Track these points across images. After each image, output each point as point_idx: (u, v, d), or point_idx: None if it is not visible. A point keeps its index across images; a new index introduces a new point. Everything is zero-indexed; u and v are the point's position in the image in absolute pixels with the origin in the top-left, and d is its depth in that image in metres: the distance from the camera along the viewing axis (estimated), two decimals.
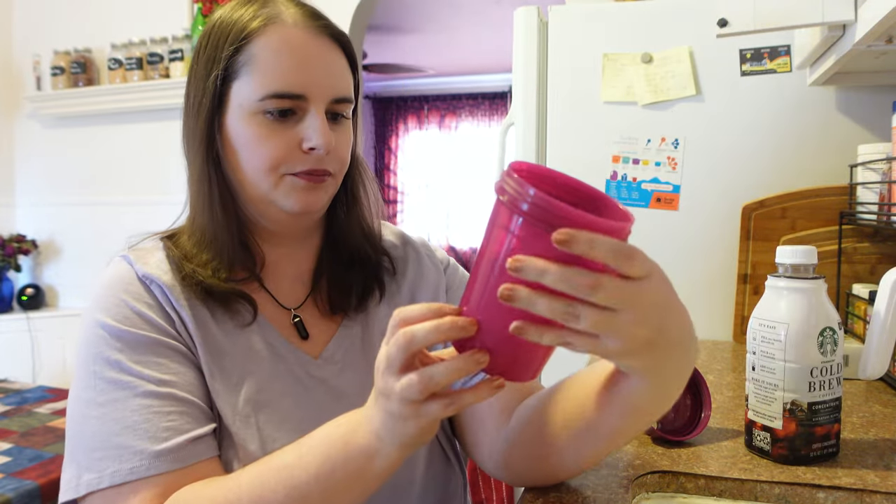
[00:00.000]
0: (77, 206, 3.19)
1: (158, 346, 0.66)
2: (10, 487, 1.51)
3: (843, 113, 1.37)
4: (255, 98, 0.67)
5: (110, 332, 0.65)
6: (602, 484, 0.69)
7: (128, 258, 0.71)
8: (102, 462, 0.61)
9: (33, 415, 2.05)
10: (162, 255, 0.71)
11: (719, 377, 1.11)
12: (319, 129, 0.68)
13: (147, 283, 0.68)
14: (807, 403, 0.72)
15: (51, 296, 3.30)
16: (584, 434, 0.60)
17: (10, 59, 3.27)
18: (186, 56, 2.79)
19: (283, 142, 0.68)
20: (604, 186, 1.52)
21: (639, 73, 1.49)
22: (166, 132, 2.95)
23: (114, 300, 0.67)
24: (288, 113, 0.68)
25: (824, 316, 0.72)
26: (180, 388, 0.65)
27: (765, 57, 1.40)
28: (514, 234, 0.44)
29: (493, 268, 0.45)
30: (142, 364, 0.64)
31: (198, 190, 0.72)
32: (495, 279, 0.45)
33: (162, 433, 0.61)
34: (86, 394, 0.64)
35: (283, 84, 0.67)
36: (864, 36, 0.92)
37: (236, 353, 0.69)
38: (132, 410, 0.62)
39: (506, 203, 0.44)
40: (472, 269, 0.49)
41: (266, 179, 0.69)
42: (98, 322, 0.66)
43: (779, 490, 0.69)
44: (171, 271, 0.69)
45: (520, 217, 0.43)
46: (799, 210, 1.34)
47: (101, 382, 0.63)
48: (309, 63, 0.68)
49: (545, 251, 0.42)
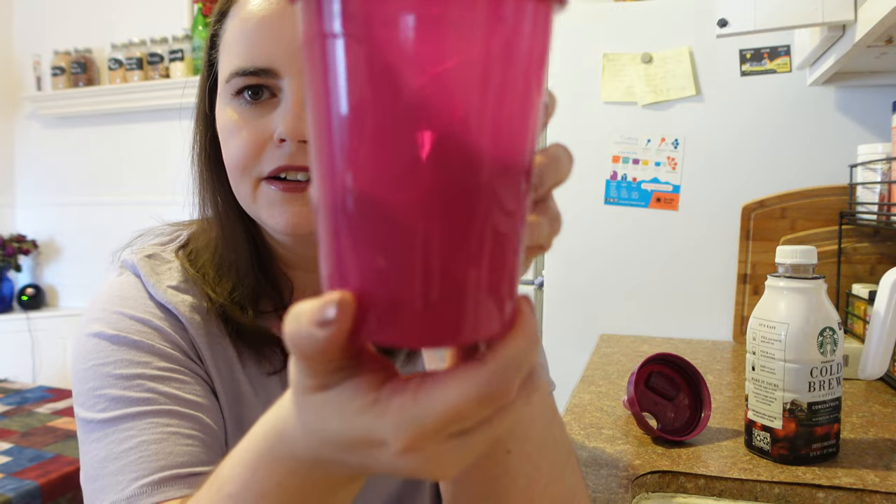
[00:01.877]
0: (77, 206, 3.19)
1: (172, 361, 0.55)
2: (11, 487, 1.51)
3: (842, 113, 1.37)
4: (223, 80, 0.57)
5: (110, 340, 0.55)
6: (602, 484, 0.69)
7: (136, 270, 0.60)
8: (103, 493, 0.51)
9: (33, 415, 2.05)
10: (177, 274, 0.60)
11: (719, 377, 1.11)
12: (287, 112, 0.53)
13: (162, 307, 0.58)
14: (806, 403, 0.72)
15: (51, 296, 3.30)
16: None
17: (11, 59, 3.28)
18: (187, 56, 2.79)
19: (253, 132, 0.55)
20: (604, 186, 1.53)
21: (639, 74, 1.49)
22: (167, 132, 2.95)
23: (114, 316, 0.56)
24: (261, 95, 0.55)
25: (824, 316, 0.72)
26: (206, 412, 0.54)
27: (765, 57, 1.40)
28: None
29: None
30: (155, 380, 0.53)
31: (201, 203, 0.63)
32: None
33: (179, 458, 0.51)
34: (85, 414, 0.54)
35: (246, 58, 0.54)
36: (863, 36, 0.92)
37: (258, 404, 0.59)
38: (141, 430, 0.51)
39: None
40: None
41: (242, 186, 0.57)
42: (93, 333, 0.56)
43: (778, 490, 0.69)
44: (189, 296, 0.59)
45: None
46: (799, 210, 1.34)
47: (102, 401, 0.53)
48: (274, 31, 0.54)
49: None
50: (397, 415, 0.26)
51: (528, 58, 0.24)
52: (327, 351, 0.25)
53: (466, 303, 0.24)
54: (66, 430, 1.91)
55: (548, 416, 0.48)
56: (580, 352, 1.45)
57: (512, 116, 0.24)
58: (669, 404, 0.86)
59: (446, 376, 0.25)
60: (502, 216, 0.25)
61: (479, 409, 0.25)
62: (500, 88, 0.23)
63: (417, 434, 0.25)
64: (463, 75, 0.23)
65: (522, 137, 0.25)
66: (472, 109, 0.23)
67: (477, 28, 0.22)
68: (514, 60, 0.24)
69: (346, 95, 0.23)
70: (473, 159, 0.23)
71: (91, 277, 3.14)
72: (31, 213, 3.31)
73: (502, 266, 0.25)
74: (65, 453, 1.73)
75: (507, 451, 0.45)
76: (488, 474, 0.45)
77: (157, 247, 0.63)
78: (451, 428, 0.26)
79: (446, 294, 0.24)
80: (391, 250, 0.24)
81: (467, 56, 0.22)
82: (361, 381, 0.27)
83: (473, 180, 0.23)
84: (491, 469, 0.45)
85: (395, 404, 0.26)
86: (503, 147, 0.24)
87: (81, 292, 3.21)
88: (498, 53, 0.23)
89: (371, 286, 0.24)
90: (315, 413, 0.28)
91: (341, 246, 0.25)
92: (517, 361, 0.26)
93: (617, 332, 1.52)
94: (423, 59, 0.22)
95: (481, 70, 0.23)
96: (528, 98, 0.25)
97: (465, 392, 0.25)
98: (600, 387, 1.06)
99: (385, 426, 0.26)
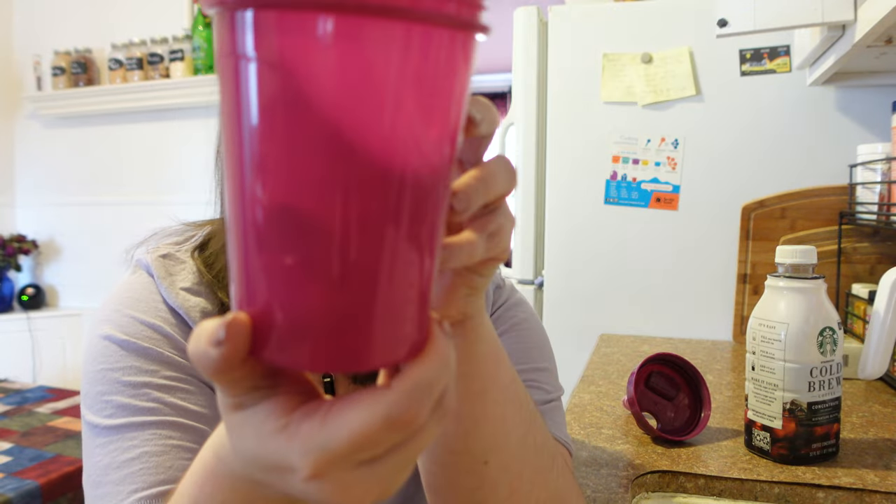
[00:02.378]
0: (78, 206, 3.19)
1: (180, 370, 0.55)
2: (11, 487, 1.51)
3: (842, 113, 1.37)
4: None
5: (120, 345, 0.55)
6: (602, 484, 0.69)
7: (150, 269, 0.59)
8: (104, 500, 0.51)
9: (34, 414, 2.05)
10: (191, 275, 0.59)
11: (719, 377, 1.11)
12: None
13: (173, 312, 0.57)
14: (806, 403, 0.72)
15: (51, 296, 3.30)
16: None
17: (11, 59, 3.28)
18: (187, 56, 2.79)
19: None
20: (604, 186, 1.53)
21: (639, 74, 1.49)
22: (167, 132, 2.95)
23: (126, 319, 0.57)
24: None
25: (824, 316, 0.72)
26: (210, 423, 0.53)
27: (764, 57, 1.40)
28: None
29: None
30: (162, 389, 0.53)
31: (222, 203, 0.60)
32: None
33: (178, 472, 0.50)
34: (91, 418, 0.54)
35: None
36: (863, 36, 0.92)
37: None
38: (144, 441, 0.51)
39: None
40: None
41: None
42: (104, 335, 0.56)
43: (778, 490, 0.69)
44: (202, 299, 0.58)
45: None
46: (798, 210, 1.34)
47: (109, 407, 0.54)
48: None
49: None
50: (305, 441, 0.25)
51: (438, 80, 0.24)
52: (223, 370, 0.25)
53: (371, 327, 0.24)
54: (67, 430, 1.91)
55: (526, 423, 0.47)
56: (580, 352, 1.45)
57: (420, 138, 0.24)
58: (669, 404, 0.86)
59: (353, 401, 0.25)
60: (408, 238, 0.24)
61: (388, 434, 0.25)
62: (406, 108, 0.23)
63: (324, 460, 0.25)
64: (369, 98, 0.22)
65: (432, 161, 0.25)
66: (377, 130, 0.23)
67: (382, 52, 0.22)
68: (422, 82, 0.23)
69: (256, 113, 0.23)
70: (378, 179, 0.23)
71: (91, 277, 3.14)
72: (32, 213, 3.32)
73: (408, 289, 0.25)
74: (65, 453, 1.73)
75: (485, 462, 0.44)
76: (466, 485, 0.45)
77: (171, 246, 0.62)
78: (359, 455, 0.25)
79: (348, 318, 0.24)
80: (292, 270, 0.23)
81: (372, 79, 0.22)
82: (277, 402, 0.26)
83: (377, 201, 0.23)
84: (468, 481, 0.45)
85: (303, 429, 0.25)
86: (411, 168, 0.24)
87: (81, 292, 3.21)
88: (406, 76, 0.23)
89: (273, 307, 0.24)
90: (236, 432, 0.28)
91: (248, 265, 0.24)
92: (426, 386, 0.25)
93: (617, 332, 1.52)
94: (330, 82, 0.22)
95: (387, 93, 0.23)
96: (439, 118, 0.25)
97: (370, 418, 0.24)
98: (600, 387, 1.06)
99: (293, 451, 0.25)
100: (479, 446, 0.44)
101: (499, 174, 0.31)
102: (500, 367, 0.44)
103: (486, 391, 0.43)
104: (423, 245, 0.25)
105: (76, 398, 2.23)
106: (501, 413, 0.44)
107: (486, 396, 0.43)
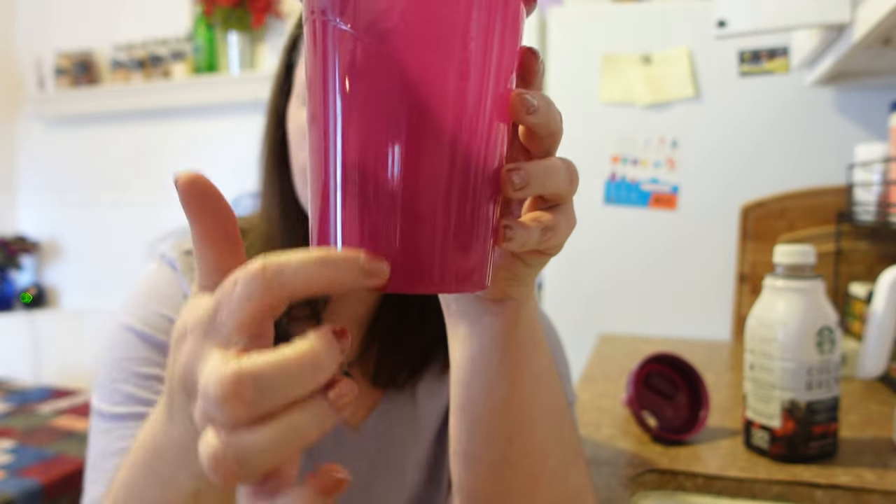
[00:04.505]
0: (79, 207, 3.20)
1: None
2: (13, 486, 1.52)
3: (841, 113, 1.37)
4: (300, 83, 0.58)
5: (138, 336, 0.56)
6: (602, 482, 0.70)
7: (174, 264, 0.60)
8: (95, 484, 0.53)
9: (36, 414, 2.05)
10: None
11: (718, 376, 1.11)
12: None
13: None
14: (805, 402, 0.72)
15: (52, 295, 3.30)
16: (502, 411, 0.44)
17: (12, 59, 3.28)
18: (188, 56, 2.80)
19: None
20: (603, 186, 1.53)
21: (638, 74, 1.49)
22: (168, 133, 2.95)
23: (148, 312, 0.57)
24: None
25: (822, 315, 0.73)
26: None
27: (763, 58, 1.41)
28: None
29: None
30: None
31: (263, 200, 0.62)
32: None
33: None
34: (99, 404, 0.56)
35: None
36: (861, 37, 0.93)
37: None
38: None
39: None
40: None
41: (302, 189, 0.58)
42: (124, 325, 0.57)
43: (777, 489, 0.70)
44: None
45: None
46: (797, 210, 1.35)
47: (117, 395, 0.55)
48: None
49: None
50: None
51: (501, 54, 0.29)
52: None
53: (433, 254, 0.28)
54: (69, 430, 1.92)
55: (555, 414, 0.47)
56: (580, 352, 1.45)
57: (482, 106, 0.28)
58: (668, 403, 0.86)
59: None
60: (462, 172, 0.28)
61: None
62: (470, 60, 0.27)
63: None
64: (439, 43, 0.27)
65: (489, 119, 0.29)
66: (449, 98, 0.27)
67: (461, 26, 0.27)
68: (489, 56, 0.28)
69: (345, 80, 0.27)
70: (447, 142, 0.27)
71: (93, 277, 3.14)
72: (33, 213, 3.32)
73: (472, 228, 0.29)
74: (67, 452, 1.74)
75: (508, 440, 0.45)
76: (487, 457, 0.46)
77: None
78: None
79: (417, 244, 0.27)
80: (377, 209, 0.27)
81: (448, 51, 0.27)
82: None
83: (445, 157, 0.27)
84: (490, 453, 0.45)
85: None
86: (473, 128, 0.28)
87: (83, 292, 3.21)
88: (476, 50, 0.27)
89: (363, 241, 0.28)
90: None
91: (332, 206, 0.28)
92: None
93: (616, 331, 1.52)
94: (407, 33, 0.26)
95: (454, 41, 0.27)
96: (495, 75, 0.29)
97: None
98: (600, 386, 1.07)
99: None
100: (504, 423, 0.44)
101: (560, 171, 0.32)
102: (536, 353, 0.44)
103: (519, 374, 0.43)
104: (479, 189, 0.29)
105: (78, 397, 2.24)
106: (530, 398, 0.44)
107: (518, 379, 0.43)
